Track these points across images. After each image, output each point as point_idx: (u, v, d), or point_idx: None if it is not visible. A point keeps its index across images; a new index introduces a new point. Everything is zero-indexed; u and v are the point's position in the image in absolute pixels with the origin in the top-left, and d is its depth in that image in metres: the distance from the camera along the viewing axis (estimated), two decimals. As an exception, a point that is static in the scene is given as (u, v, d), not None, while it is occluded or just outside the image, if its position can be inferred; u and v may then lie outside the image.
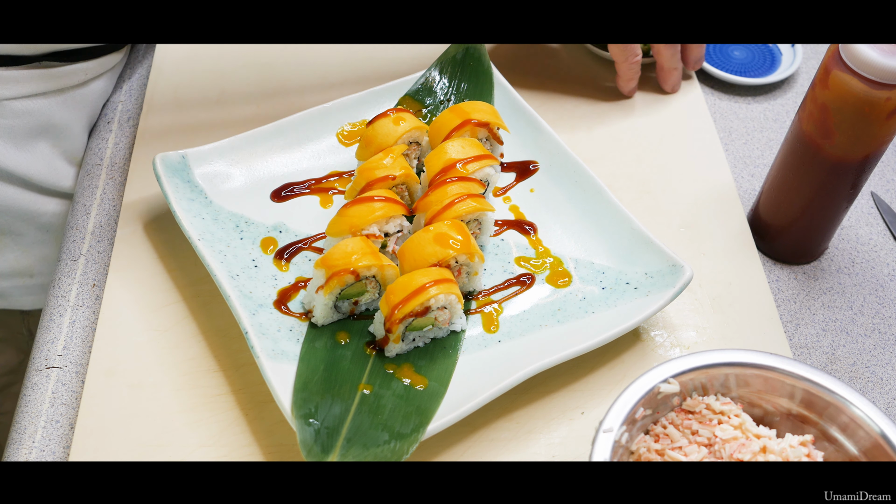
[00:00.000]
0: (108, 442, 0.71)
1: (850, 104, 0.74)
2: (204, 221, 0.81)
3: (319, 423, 0.68)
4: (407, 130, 0.85)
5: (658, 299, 0.77)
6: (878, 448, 0.62)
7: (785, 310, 0.86)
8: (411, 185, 0.84)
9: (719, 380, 0.66)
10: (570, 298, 0.80)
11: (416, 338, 0.76)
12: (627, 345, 0.79)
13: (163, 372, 0.75)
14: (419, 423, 0.69)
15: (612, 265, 0.82)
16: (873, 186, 0.97)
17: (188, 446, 0.71)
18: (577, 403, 0.76)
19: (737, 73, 1.06)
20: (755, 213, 0.91)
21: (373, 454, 0.67)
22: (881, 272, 0.90)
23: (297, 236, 0.84)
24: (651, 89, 1.03)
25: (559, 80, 1.04)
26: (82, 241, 0.86)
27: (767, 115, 1.04)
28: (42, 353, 0.78)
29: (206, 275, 0.81)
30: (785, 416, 0.66)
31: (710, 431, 0.64)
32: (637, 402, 0.62)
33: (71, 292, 0.82)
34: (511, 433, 0.73)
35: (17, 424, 0.74)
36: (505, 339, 0.77)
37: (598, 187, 0.85)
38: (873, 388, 0.80)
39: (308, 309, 0.78)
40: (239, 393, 0.75)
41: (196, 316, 0.79)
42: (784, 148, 0.84)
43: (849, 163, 0.79)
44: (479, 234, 0.83)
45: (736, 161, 0.99)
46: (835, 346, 0.83)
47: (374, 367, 0.75)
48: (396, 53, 1.05)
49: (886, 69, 0.71)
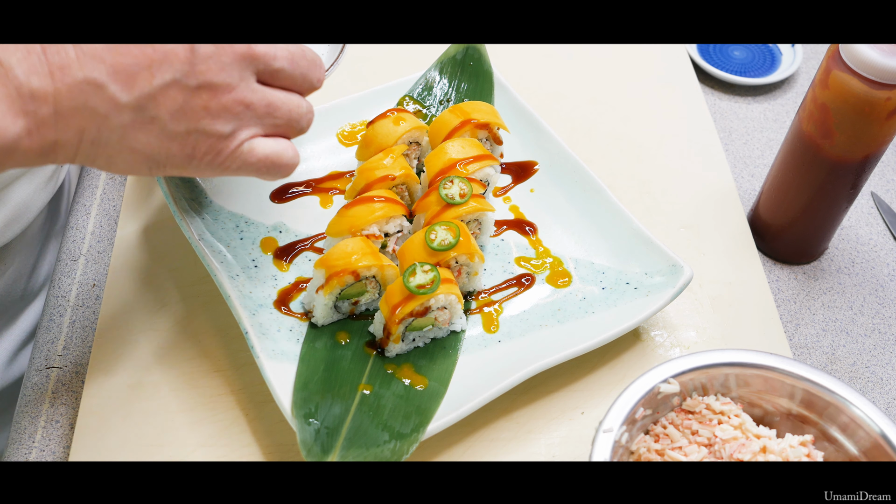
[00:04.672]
0: (108, 442, 0.71)
1: (850, 104, 0.74)
2: (204, 221, 0.81)
3: (319, 423, 0.68)
4: (407, 130, 0.85)
5: (658, 299, 0.77)
6: (878, 448, 0.62)
7: (785, 310, 0.86)
8: (411, 186, 0.84)
9: (719, 380, 0.66)
10: (570, 298, 0.80)
11: (416, 338, 0.76)
12: (627, 345, 0.79)
13: (163, 372, 0.75)
14: (419, 423, 0.69)
15: (612, 265, 0.82)
16: (873, 186, 0.98)
17: (188, 446, 0.71)
18: (577, 403, 0.76)
19: (737, 73, 1.06)
20: (755, 213, 0.91)
21: (373, 454, 0.67)
22: (881, 272, 0.90)
23: (297, 236, 0.84)
24: (651, 89, 1.03)
25: (559, 80, 1.04)
26: (82, 241, 0.86)
27: (767, 115, 1.04)
28: (42, 353, 0.78)
29: (206, 275, 0.81)
30: (785, 416, 0.66)
31: (710, 431, 0.64)
32: (637, 402, 0.62)
33: (71, 292, 0.82)
34: (511, 433, 0.73)
35: (17, 424, 0.74)
36: (505, 339, 0.77)
37: (598, 187, 0.85)
38: (873, 388, 0.80)
39: (308, 309, 0.78)
40: (239, 393, 0.75)
41: (196, 316, 0.79)
42: (784, 148, 0.84)
43: (849, 163, 0.79)
44: (479, 234, 0.83)
45: (736, 161, 0.99)
46: (835, 346, 0.83)
47: (374, 367, 0.75)
48: (396, 53, 1.05)
49: (886, 69, 0.71)
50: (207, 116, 0.55)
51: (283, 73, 0.58)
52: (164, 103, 0.54)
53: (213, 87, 0.55)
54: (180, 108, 0.54)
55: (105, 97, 0.52)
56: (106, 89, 0.51)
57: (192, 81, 0.54)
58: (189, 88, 0.54)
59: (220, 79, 0.55)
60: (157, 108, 0.54)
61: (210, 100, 0.55)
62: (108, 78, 0.51)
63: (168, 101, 0.54)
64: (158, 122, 0.54)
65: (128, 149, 0.55)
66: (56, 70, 0.50)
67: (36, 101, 0.50)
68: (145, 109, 0.53)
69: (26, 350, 0.92)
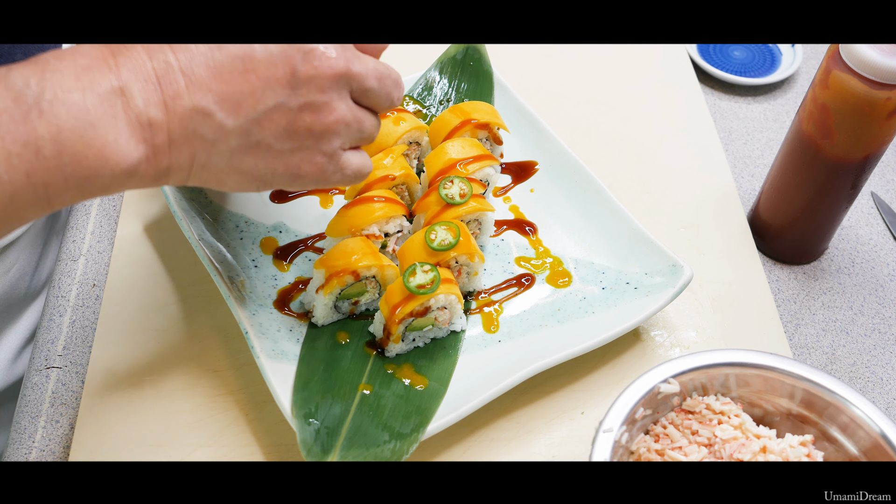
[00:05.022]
0: (108, 442, 0.71)
1: (850, 104, 0.74)
2: (204, 221, 0.81)
3: (319, 423, 0.68)
4: (407, 130, 0.85)
5: (658, 299, 0.77)
6: (878, 448, 0.62)
7: (785, 310, 0.86)
8: (411, 186, 0.84)
9: (719, 380, 0.66)
10: (570, 298, 0.80)
11: (416, 338, 0.76)
12: (627, 345, 0.79)
13: (163, 372, 0.75)
14: (419, 423, 0.69)
15: (612, 265, 0.82)
16: (873, 186, 0.97)
17: (188, 446, 0.71)
18: (577, 403, 0.76)
19: (737, 73, 1.06)
20: (755, 213, 0.91)
21: (373, 454, 0.67)
22: (881, 272, 0.90)
23: (297, 236, 0.84)
24: (651, 89, 1.03)
25: (559, 80, 1.04)
26: (82, 241, 0.86)
27: (767, 115, 1.04)
28: (42, 353, 0.78)
29: (206, 275, 0.81)
30: (785, 416, 0.66)
31: (710, 431, 0.64)
32: (637, 402, 0.62)
33: (71, 292, 0.82)
34: (511, 433, 0.73)
35: (17, 424, 0.74)
36: (505, 339, 0.77)
37: (598, 187, 0.85)
38: (873, 388, 0.80)
39: (308, 309, 0.78)
40: (239, 393, 0.75)
41: (196, 316, 0.79)
42: (784, 148, 0.84)
43: (849, 163, 0.79)
44: (479, 234, 0.83)
45: (736, 161, 0.99)
46: (835, 346, 0.83)
47: (374, 367, 0.75)
48: (396, 53, 1.05)
49: (886, 69, 0.71)
50: (310, 136, 0.58)
51: (372, 91, 0.61)
52: (269, 127, 0.56)
53: (314, 108, 0.58)
54: (284, 129, 0.57)
55: (213, 124, 0.55)
56: (214, 117, 0.54)
57: (295, 104, 0.57)
58: (292, 111, 0.57)
59: (321, 99, 0.57)
60: (262, 132, 0.56)
61: (312, 120, 0.58)
62: (216, 106, 0.54)
63: (272, 125, 0.56)
64: (264, 145, 0.57)
65: (236, 171, 0.58)
66: (169, 100, 0.53)
67: (153, 130, 0.53)
68: (251, 134, 0.56)
69: (30, 348, 0.92)
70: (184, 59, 0.53)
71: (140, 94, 0.52)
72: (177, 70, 0.53)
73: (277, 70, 0.56)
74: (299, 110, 0.57)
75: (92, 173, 0.51)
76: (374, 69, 0.61)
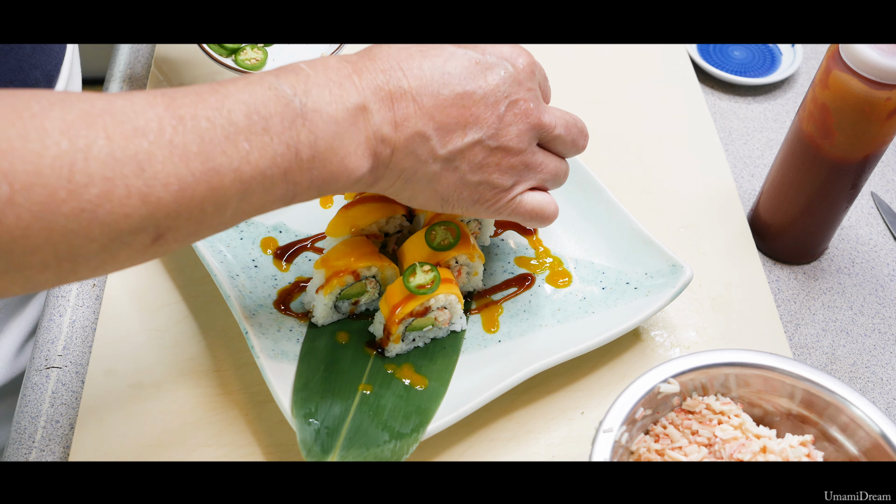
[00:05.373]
0: (108, 442, 0.71)
1: (850, 104, 0.74)
2: (204, 221, 0.81)
3: (319, 423, 0.69)
4: (407, 130, 0.85)
5: (658, 299, 0.77)
6: (878, 448, 0.62)
7: (785, 310, 0.86)
8: (411, 185, 0.84)
9: (719, 380, 0.66)
10: (570, 298, 0.80)
11: (416, 338, 0.76)
12: (627, 345, 0.79)
13: (163, 372, 0.75)
14: (419, 423, 0.69)
15: (612, 265, 0.82)
16: (873, 186, 0.98)
17: (188, 446, 0.71)
18: (577, 403, 0.76)
19: (737, 73, 1.06)
20: (755, 213, 0.91)
21: (373, 454, 0.67)
22: (881, 272, 0.90)
23: (297, 236, 0.84)
24: (651, 89, 1.03)
25: (559, 80, 1.04)
26: (82, 241, 0.86)
27: (767, 115, 1.04)
28: (42, 353, 0.78)
29: (206, 275, 0.81)
30: (785, 416, 0.66)
31: (710, 431, 0.64)
32: (637, 402, 0.62)
33: (71, 292, 0.82)
34: (511, 433, 0.73)
35: (17, 424, 0.74)
36: (505, 339, 0.77)
37: (598, 187, 0.85)
38: (873, 388, 0.80)
39: (308, 309, 0.78)
40: (239, 393, 0.75)
41: (196, 316, 0.79)
42: (784, 148, 0.84)
43: (849, 163, 0.79)
44: (479, 234, 0.83)
45: (736, 161, 0.99)
46: (835, 346, 0.83)
47: (374, 367, 0.75)
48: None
49: (886, 69, 0.71)
50: (497, 172, 0.66)
51: (559, 139, 0.68)
52: (468, 157, 0.64)
53: (507, 150, 0.65)
54: (479, 163, 0.64)
55: (427, 147, 0.62)
56: (430, 141, 0.62)
57: (493, 143, 0.64)
58: (489, 148, 0.64)
59: (515, 144, 0.65)
60: (461, 161, 0.64)
61: (503, 159, 0.65)
62: (434, 132, 0.62)
63: (471, 156, 0.64)
64: (459, 172, 0.64)
65: (431, 189, 0.65)
66: (399, 120, 0.60)
67: (383, 145, 0.60)
68: (453, 161, 0.63)
69: (32, 342, 0.92)
70: (415, 86, 0.60)
71: (378, 112, 0.59)
72: (409, 96, 0.60)
73: (487, 111, 0.63)
74: (495, 149, 0.64)
75: (332, 178, 0.58)
76: (561, 118, 0.68)
